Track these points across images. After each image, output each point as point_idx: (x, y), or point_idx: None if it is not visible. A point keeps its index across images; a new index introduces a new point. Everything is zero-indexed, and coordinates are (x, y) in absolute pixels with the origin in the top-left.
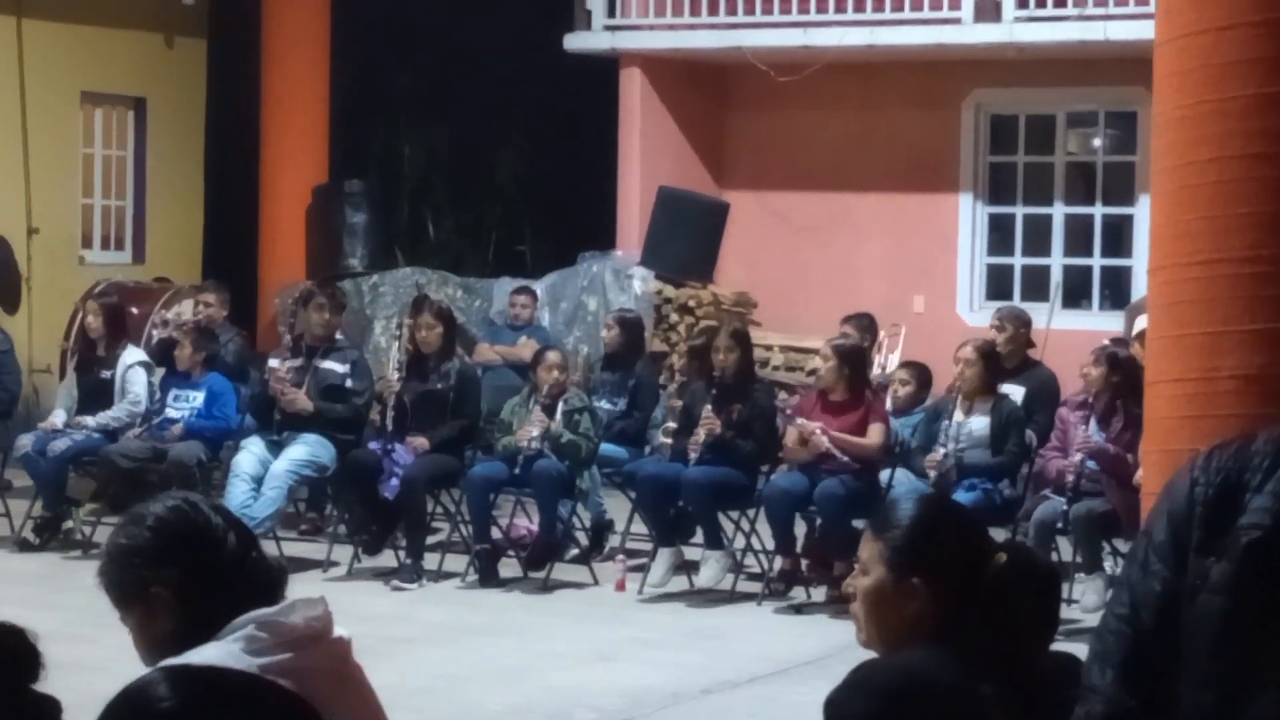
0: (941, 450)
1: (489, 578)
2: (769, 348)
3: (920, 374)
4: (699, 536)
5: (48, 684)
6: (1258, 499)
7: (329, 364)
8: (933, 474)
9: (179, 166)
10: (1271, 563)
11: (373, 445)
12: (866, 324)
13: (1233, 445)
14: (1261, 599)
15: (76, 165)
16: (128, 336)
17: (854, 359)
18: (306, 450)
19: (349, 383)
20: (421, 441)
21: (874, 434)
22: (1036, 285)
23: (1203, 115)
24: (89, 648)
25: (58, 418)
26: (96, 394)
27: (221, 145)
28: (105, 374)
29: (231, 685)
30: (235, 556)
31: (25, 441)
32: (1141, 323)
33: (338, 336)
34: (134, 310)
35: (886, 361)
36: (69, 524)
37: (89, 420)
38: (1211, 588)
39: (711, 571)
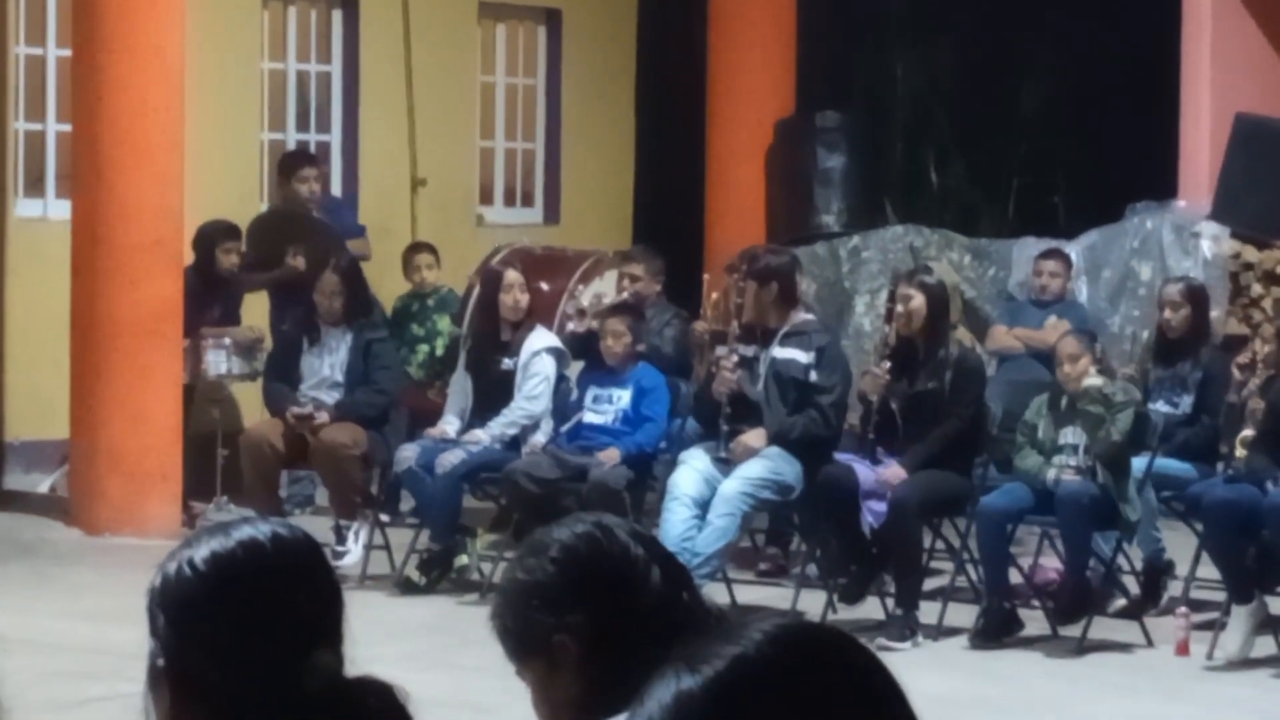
0: None
1: (1004, 635)
2: None
3: None
4: None
5: None
6: None
7: (788, 352)
8: None
9: (603, 98)
10: None
11: (847, 458)
12: None
13: None
14: None
15: (474, 99)
16: (535, 317)
17: None
18: (765, 466)
19: (813, 376)
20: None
21: None
22: None
23: None
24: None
25: (449, 424)
26: (498, 391)
27: (657, 70)
28: (507, 364)
29: None
30: (661, 599)
31: (408, 454)
32: None
33: (804, 315)
34: (544, 286)
35: None
36: (463, 559)
37: (480, 434)
38: None
39: None
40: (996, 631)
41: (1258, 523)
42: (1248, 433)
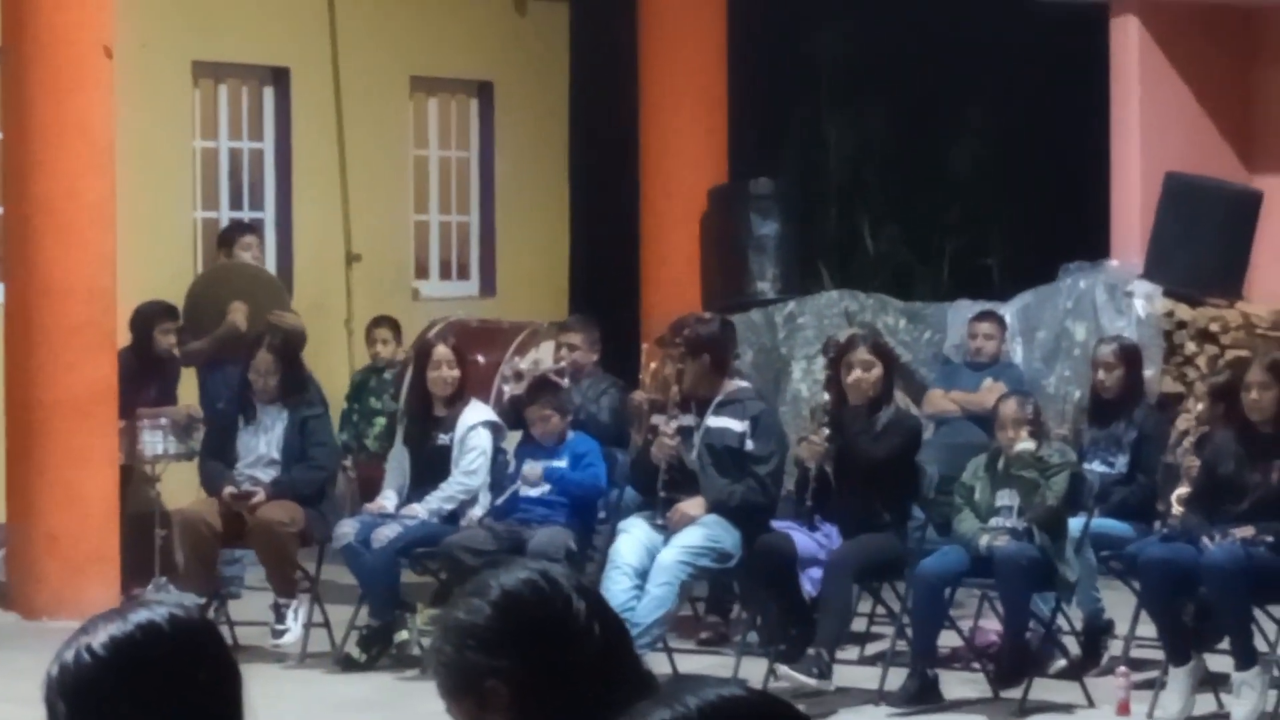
0: None
1: (920, 702)
2: None
3: None
4: (1228, 641)
5: None
6: None
7: (722, 421)
8: None
9: (536, 170)
10: None
11: (785, 525)
12: None
13: None
14: None
15: (407, 172)
16: (470, 390)
17: None
18: (704, 534)
19: (748, 445)
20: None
21: None
22: None
23: None
24: None
25: (387, 499)
26: (435, 466)
27: (590, 140)
28: (443, 439)
29: None
30: (599, 656)
31: (347, 529)
32: None
33: (738, 384)
34: (481, 358)
35: None
36: (403, 635)
37: (418, 509)
38: None
39: (1247, 705)
40: (912, 699)
41: (1194, 581)
42: (1183, 490)
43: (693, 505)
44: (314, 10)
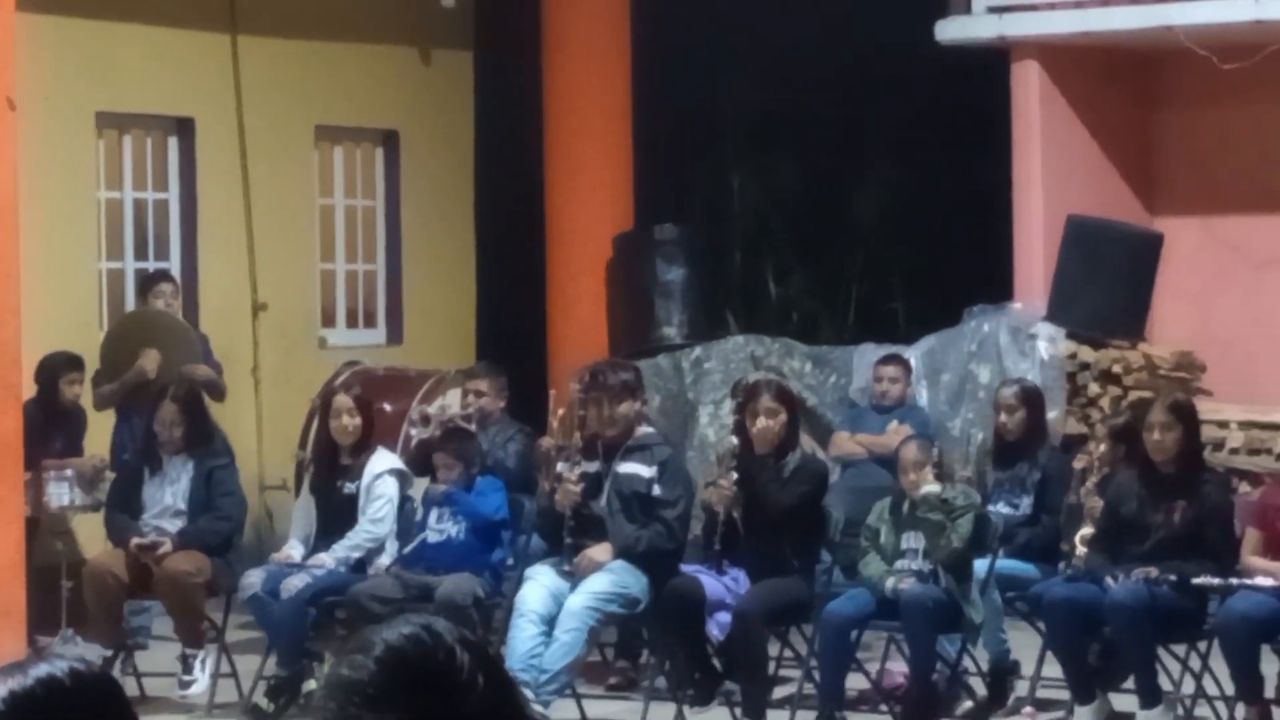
0: None
1: None
2: (1224, 424)
3: None
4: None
5: None
6: None
7: (631, 467)
8: None
9: (442, 218)
10: None
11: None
12: None
13: None
14: None
15: (313, 221)
16: (376, 438)
17: None
18: (611, 580)
19: (656, 490)
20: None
21: None
22: None
23: None
24: None
25: (294, 548)
26: (341, 515)
27: (495, 188)
28: (349, 488)
29: None
30: (485, 706)
31: (254, 579)
32: None
33: (646, 429)
34: (387, 406)
35: None
36: (311, 684)
37: (325, 558)
38: None
39: None
40: None
41: (1098, 620)
42: (1087, 530)
43: (600, 551)
44: (218, 60)
